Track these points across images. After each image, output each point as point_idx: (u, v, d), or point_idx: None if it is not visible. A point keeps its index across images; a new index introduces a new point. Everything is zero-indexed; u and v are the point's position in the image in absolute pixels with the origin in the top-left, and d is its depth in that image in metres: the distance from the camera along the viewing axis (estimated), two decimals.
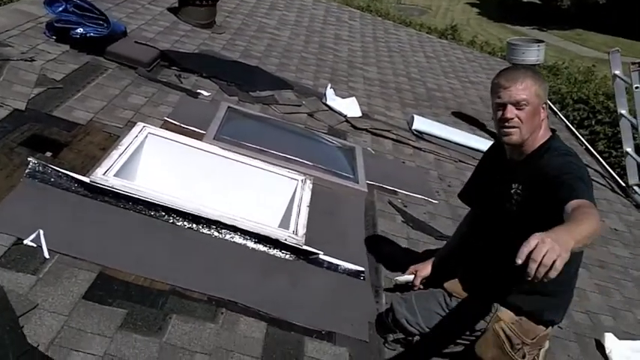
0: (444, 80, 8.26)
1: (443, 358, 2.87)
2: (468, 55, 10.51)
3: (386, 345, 2.86)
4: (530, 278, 1.83)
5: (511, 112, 2.59)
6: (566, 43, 27.04)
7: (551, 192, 2.33)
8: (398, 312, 2.83)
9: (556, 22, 29.21)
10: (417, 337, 2.79)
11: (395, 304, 2.87)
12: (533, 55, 6.28)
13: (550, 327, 2.75)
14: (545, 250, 1.82)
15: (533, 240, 1.84)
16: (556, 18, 29.36)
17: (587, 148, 7.21)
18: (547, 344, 2.81)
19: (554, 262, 1.81)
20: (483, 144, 5.80)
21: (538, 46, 6.35)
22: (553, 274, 1.83)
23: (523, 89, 2.57)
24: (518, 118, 2.59)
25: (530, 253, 1.83)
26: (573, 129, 7.96)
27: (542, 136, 2.65)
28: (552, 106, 8.75)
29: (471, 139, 5.90)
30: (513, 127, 2.61)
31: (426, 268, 3.15)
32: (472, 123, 6.73)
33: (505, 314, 2.68)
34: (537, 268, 1.82)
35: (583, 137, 7.85)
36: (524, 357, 2.67)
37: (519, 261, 1.84)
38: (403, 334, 2.83)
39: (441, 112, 6.82)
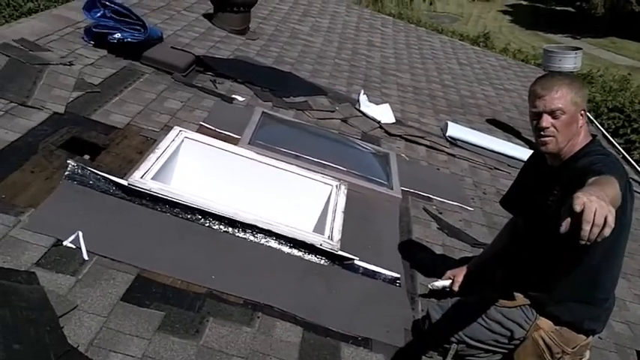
0: (478, 87, 8.19)
1: None
2: (501, 62, 10.42)
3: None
4: (584, 241, 1.74)
5: (547, 121, 2.55)
6: (600, 51, 26.70)
7: (580, 181, 2.18)
8: (435, 319, 2.80)
9: (589, 30, 28.86)
10: (454, 346, 2.75)
11: (432, 311, 2.84)
12: (570, 62, 6.19)
13: (591, 336, 2.69)
14: (595, 207, 1.72)
15: (578, 201, 1.74)
16: (590, 26, 29.02)
17: (623, 157, 7.09)
18: (588, 354, 2.75)
19: (605, 218, 1.72)
20: (519, 152, 5.74)
21: (575, 53, 6.26)
22: (607, 232, 1.73)
23: (558, 98, 2.53)
24: (554, 127, 2.56)
25: (575, 218, 1.74)
26: (609, 137, 7.83)
27: (582, 141, 2.61)
28: (588, 114, 8.62)
29: (506, 146, 5.83)
30: (549, 136, 2.57)
31: (462, 274, 3.11)
32: (507, 130, 6.65)
33: (544, 323, 2.63)
34: (591, 229, 1.72)
35: (619, 146, 7.73)
36: None
37: (563, 229, 1.76)
38: (440, 342, 2.80)
39: (475, 119, 6.76)
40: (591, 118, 8.52)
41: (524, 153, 5.78)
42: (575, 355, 2.65)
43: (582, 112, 2.59)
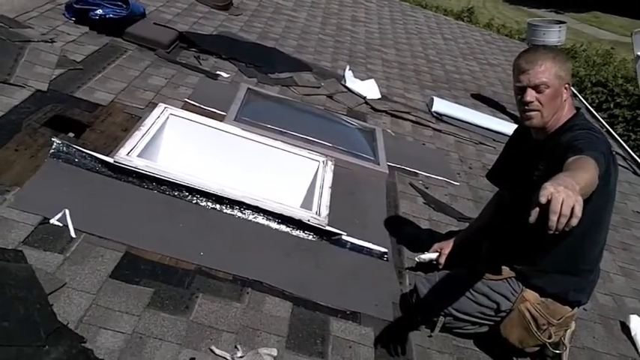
0: (463, 62, 8.18)
1: (468, 338, 2.87)
2: (485, 37, 10.40)
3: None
4: (552, 231, 1.77)
5: (531, 95, 2.57)
6: (583, 26, 26.68)
7: (563, 158, 2.23)
8: (422, 293, 2.82)
9: (572, 4, 28.83)
10: (441, 319, 2.78)
11: (419, 285, 2.86)
12: (554, 36, 6.20)
13: (576, 308, 2.73)
14: (562, 198, 1.75)
15: (544, 192, 1.77)
16: (573, 0, 28.98)
17: (607, 131, 7.14)
18: (573, 325, 2.79)
19: (572, 208, 1.75)
20: (504, 126, 5.76)
21: (559, 27, 6.27)
22: (574, 222, 1.77)
23: (542, 72, 2.54)
24: (538, 101, 2.57)
25: (542, 208, 1.77)
26: (593, 111, 7.87)
27: (566, 115, 2.63)
28: (572, 88, 8.65)
29: (491, 121, 5.85)
30: (533, 110, 2.59)
31: (449, 246, 3.14)
32: (492, 105, 6.67)
33: (530, 295, 2.67)
34: (558, 220, 1.75)
35: (602, 120, 7.78)
36: (550, 337, 2.66)
37: (532, 219, 1.79)
38: (428, 315, 2.82)
39: (460, 94, 6.76)
40: (575, 92, 8.55)
41: (509, 127, 5.79)
42: (561, 327, 2.69)
43: (566, 85, 2.60)
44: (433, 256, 3.15)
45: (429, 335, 2.81)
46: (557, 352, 2.71)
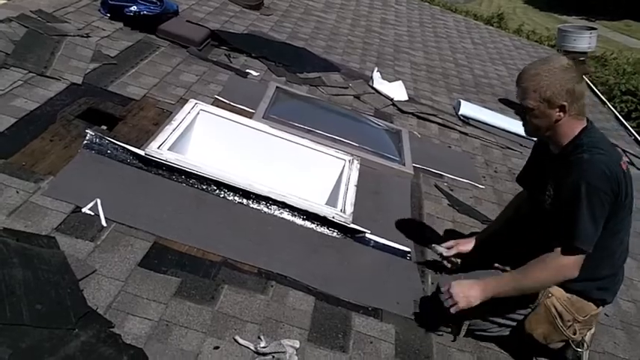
0: (491, 67, 8.17)
1: (490, 341, 2.88)
2: (515, 42, 10.37)
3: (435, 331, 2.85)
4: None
5: (519, 109, 2.63)
6: (614, 34, 26.37)
7: (560, 214, 2.54)
8: None
9: (604, 12, 28.51)
10: (466, 322, 2.79)
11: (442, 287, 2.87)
12: (585, 42, 6.16)
13: (601, 307, 2.74)
14: (447, 297, 2.61)
15: (445, 287, 2.63)
16: (604, 8, 28.65)
17: (635, 139, 7.07)
18: (594, 328, 2.79)
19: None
20: None
21: (590, 33, 6.23)
22: (453, 311, 2.60)
23: (524, 93, 2.56)
24: (524, 118, 2.62)
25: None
26: (622, 120, 7.81)
27: (569, 133, 2.60)
28: (601, 96, 8.60)
29: (518, 126, 5.79)
30: (525, 125, 2.65)
31: (467, 245, 3.14)
32: None
33: (556, 290, 2.67)
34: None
35: (632, 129, 7.70)
36: (574, 334, 2.67)
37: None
38: (451, 317, 2.82)
39: (488, 98, 6.76)
40: (604, 100, 8.49)
41: None
42: (585, 325, 2.70)
43: (558, 108, 2.54)
44: (443, 250, 3.13)
45: (452, 340, 2.82)
46: (579, 350, 2.72)
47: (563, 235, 2.51)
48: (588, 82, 8.74)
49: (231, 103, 4.28)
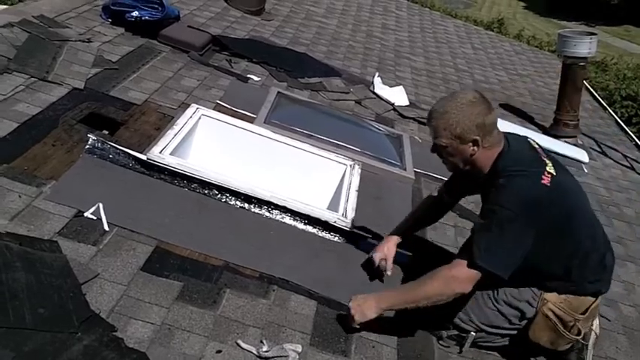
0: (492, 72, 8.19)
1: (493, 351, 2.87)
2: (515, 48, 10.39)
3: (440, 342, 2.82)
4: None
5: (434, 148, 2.68)
6: (614, 39, 26.43)
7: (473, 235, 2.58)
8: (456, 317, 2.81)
9: (604, 17, 28.58)
10: (471, 334, 2.77)
11: None
12: (585, 47, 6.15)
13: (599, 297, 2.72)
14: (348, 310, 2.64)
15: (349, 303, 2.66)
16: (604, 13, 28.72)
17: (636, 144, 7.08)
18: (596, 322, 2.78)
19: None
20: (531, 136, 5.74)
21: (590, 38, 6.22)
22: (353, 325, 2.65)
23: (435, 133, 2.61)
24: (441, 156, 2.67)
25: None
26: (623, 125, 7.82)
27: (487, 163, 2.60)
28: (601, 101, 8.61)
29: (519, 131, 5.80)
30: (442, 161, 2.71)
31: (391, 250, 3.06)
32: (520, 116, 6.67)
33: (550, 296, 2.66)
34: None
35: (632, 134, 7.72)
36: (579, 333, 2.65)
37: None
38: (457, 330, 2.80)
39: None
40: (605, 105, 8.50)
41: (537, 138, 5.78)
42: (588, 320, 2.69)
43: (471, 143, 2.55)
44: (387, 269, 3.03)
45: (458, 352, 2.80)
46: (585, 343, 2.74)
47: (466, 251, 2.52)
48: (589, 87, 8.76)
49: (233, 108, 4.28)
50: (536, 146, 2.70)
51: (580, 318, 2.65)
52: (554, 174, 2.52)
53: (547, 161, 2.58)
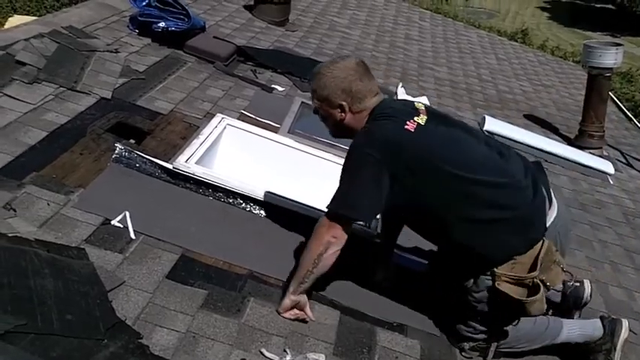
0: (516, 83, 8.15)
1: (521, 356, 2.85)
2: (540, 58, 10.34)
3: (463, 354, 2.80)
4: None
5: (314, 109, 2.76)
6: None
7: None
8: (460, 330, 2.79)
9: (630, 27, 28.33)
10: (494, 344, 2.73)
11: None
12: (611, 58, 6.11)
13: (541, 241, 2.52)
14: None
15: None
16: (630, 24, 28.47)
17: None
18: (558, 257, 2.58)
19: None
20: (556, 147, 5.73)
21: (616, 49, 6.18)
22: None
23: (311, 94, 2.69)
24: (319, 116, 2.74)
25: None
26: None
27: (361, 125, 2.62)
28: (627, 112, 8.53)
29: (543, 142, 5.81)
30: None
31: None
32: (545, 126, 6.63)
33: (501, 269, 2.51)
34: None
35: None
36: (545, 285, 2.50)
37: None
38: (477, 344, 2.77)
39: (513, 114, 6.74)
40: (631, 116, 8.43)
41: (561, 149, 5.78)
42: (545, 268, 2.52)
43: (338, 108, 2.60)
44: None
45: None
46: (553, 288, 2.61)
47: (329, 202, 2.52)
48: (614, 98, 8.69)
49: (257, 118, 4.32)
50: (422, 107, 2.65)
51: (535, 274, 2.47)
52: (423, 124, 2.50)
53: (423, 116, 2.54)
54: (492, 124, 5.75)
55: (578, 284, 2.86)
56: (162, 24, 4.94)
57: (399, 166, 2.45)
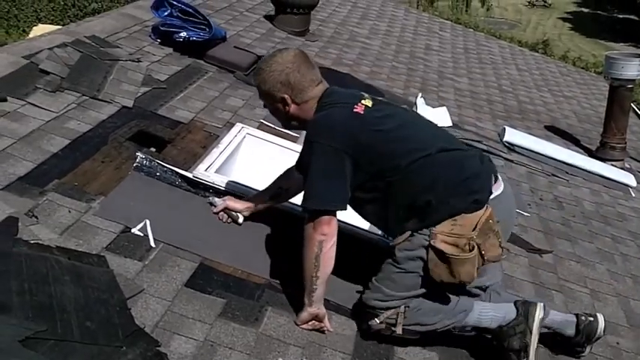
0: (537, 93, 8.11)
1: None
2: (561, 69, 10.28)
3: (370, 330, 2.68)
4: None
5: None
6: None
7: None
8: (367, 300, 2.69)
9: None
10: (400, 308, 2.60)
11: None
12: (634, 69, 6.06)
13: (485, 207, 2.51)
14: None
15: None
16: None
17: None
18: (498, 228, 2.53)
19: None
20: (577, 159, 5.69)
21: (639, 60, 6.14)
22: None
23: (258, 90, 2.76)
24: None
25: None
26: None
27: (309, 114, 2.67)
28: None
29: (564, 153, 5.77)
30: None
31: (236, 203, 3.12)
32: (566, 138, 6.58)
33: (439, 228, 2.47)
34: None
35: None
36: (472, 249, 2.44)
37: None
38: (385, 318, 2.62)
39: (533, 125, 6.71)
40: None
41: (583, 161, 5.73)
42: (482, 234, 2.47)
43: (281, 101, 2.66)
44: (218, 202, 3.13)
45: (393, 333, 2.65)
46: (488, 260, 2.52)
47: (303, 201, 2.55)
48: (636, 109, 8.60)
49: (276, 128, 4.32)
50: (366, 94, 2.71)
51: (473, 235, 2.43)
52: (371, 106, 2.57)
53: (367, 97, 2.62)
54: (513, 135, 5.73)
55: (592, 319, 2.81)
56: (183, 34, 4.98)
57: (357, 149, 2.50)
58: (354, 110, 2.55)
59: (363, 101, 2.61)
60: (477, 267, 2.48)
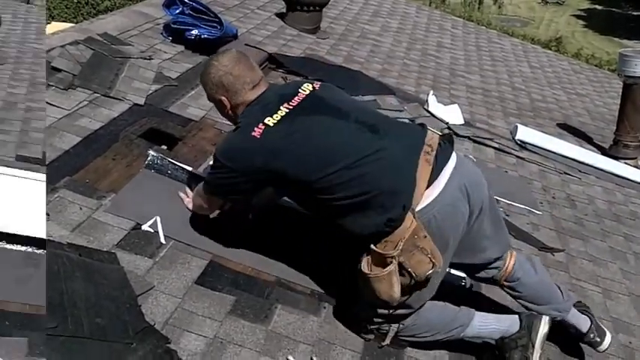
0: (549, 91, 8.06)
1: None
2: (574, 66, 10.21)
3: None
4: None
5: None
6: None
7: None
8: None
9: None
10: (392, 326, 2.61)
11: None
12: None
13: (410, 222, 2.34)
14: None
15: None
16: None
17: None
18: (426, 243, 2.37)
19: None
20: (590, 157, 5.65)
21: None
22: None
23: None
24: None
25: None
26: None
27: None
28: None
29: (577, 151, 5.73)
30: None
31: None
32: (578, 136, 6.54)
33: (377, 246, 2.36)
34: None
35: None
36: (406, 269, 2.36)
37: None
38: (378, 327, 2.63)
39: (546, 123, 6.66)
40: None
41: (595, 159, 5.69)
42: (405, 253, 2.35)
43: (220, 102, 2.71)
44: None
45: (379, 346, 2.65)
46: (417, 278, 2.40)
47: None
48: None
49: None
50: (298, 96, 2.58)
51: (391, 254, 2.32)
52: (273, 126, 2.45)
53: (282, 110, 2.50)
54: (525, 133, 5.70)
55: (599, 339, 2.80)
56: (195, 31, 4.99)
57: (256, 171, 2.49)
58: (252, 134, 2.45)
59: (268, 119, 2.47)
60: (395, 285, 2.36)
